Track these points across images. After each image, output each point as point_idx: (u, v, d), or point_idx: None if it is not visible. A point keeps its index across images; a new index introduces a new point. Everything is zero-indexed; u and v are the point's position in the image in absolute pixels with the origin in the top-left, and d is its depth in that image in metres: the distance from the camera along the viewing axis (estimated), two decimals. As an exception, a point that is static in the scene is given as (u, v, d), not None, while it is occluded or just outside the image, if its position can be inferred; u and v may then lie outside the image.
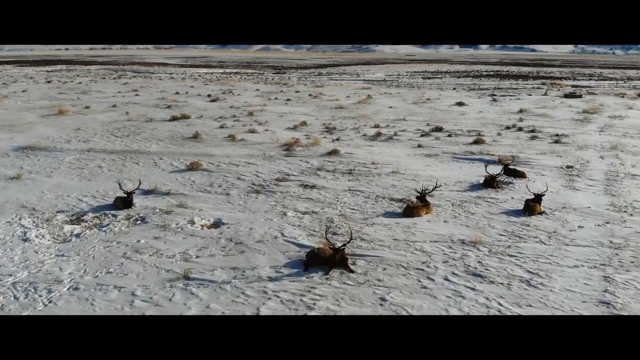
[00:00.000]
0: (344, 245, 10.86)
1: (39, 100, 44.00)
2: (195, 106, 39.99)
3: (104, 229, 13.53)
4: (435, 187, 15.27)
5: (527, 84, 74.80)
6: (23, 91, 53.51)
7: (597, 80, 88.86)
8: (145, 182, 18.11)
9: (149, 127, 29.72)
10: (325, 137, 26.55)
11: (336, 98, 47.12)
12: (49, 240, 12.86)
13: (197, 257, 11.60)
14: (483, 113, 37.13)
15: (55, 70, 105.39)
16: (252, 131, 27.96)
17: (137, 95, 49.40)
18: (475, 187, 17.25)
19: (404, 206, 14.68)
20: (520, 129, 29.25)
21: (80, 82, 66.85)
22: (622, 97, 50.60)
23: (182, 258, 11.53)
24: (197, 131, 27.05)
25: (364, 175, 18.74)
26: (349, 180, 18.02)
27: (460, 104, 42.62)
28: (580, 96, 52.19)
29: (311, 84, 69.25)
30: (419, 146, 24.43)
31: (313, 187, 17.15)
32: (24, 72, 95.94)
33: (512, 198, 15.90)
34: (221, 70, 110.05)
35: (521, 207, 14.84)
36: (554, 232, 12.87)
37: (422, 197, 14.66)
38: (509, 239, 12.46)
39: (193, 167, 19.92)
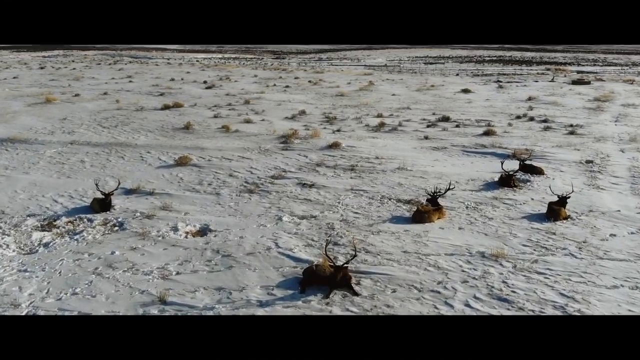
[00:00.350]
0: (347, 262, 9.36)
1: (28, 88, 42.32)
2: (189, 93, 38.32)
3: (76, 237, 12.03)
4: (448, 188, 13.70)
5: (531, 70, 72.94)
6: (14, 78, 51.77)
7: (601, 65, 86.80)
8: (128, 179, 16.62)
9: (138, 116, 28.11)
10: (325, 128, 24.96)
11: (337, 85, 45.42)
12: (13, 251, 11.39)
13: (177, 273, 10.10)
14: (490, 101, 35.46)
15: (52, 55, 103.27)
16: (248, 121, 26.35)
17: (130, 82, 47.70)
18: (490, 186, 15.70)
19: (413, 209, 13.16)
20: (531, 119, 27.62)
21: (74, 68, 65.06)
22: (632, 83, 48.83)
23: (160, 275, 10.03)
24: (189, 121, 25.44)
25: (368, 171, 17.18)
26: (351, 178, 16.47)
27: (466, 91, 40.92)
28: (588, 83, 50.54)
29: (311, 69, 67.42)
30: (426, 138, 22.83)
31: (312, 185, 15.62)
32: (20, 57, 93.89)
33: (532, 199, 14.36)
34: (220, 56, 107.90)
35: (543, 210, 13.33)
36: (584, 243, 11.35)
37: (433, 199, 13.10)
38: (535, 250, 10.94)
39: (182, 162, 18.37)
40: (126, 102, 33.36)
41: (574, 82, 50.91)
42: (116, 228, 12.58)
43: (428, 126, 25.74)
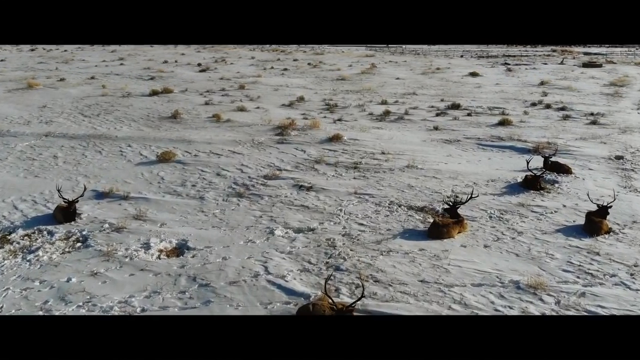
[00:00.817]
0: (352, 305, 7.43)
1: (13, 72, 40.19)
2: (181, 77, 36.18)
3: (30, 256, 10.10)
4: (471, 196, 11.68)
5: (537, 51, 70.63)
6: (1, 61, 49.57)
7: (607, 47, 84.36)
8: (103, 178, 14.71)
9: (124, 103, 26.05)
10: (325, 117, 22.91)
11: (337, 67, 43.22)
12: (-50, 277, 9.44)
13: (142, 310, 8.18)
14: (501, 86, 33.36)
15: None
16: (242, 109, 24.29)
17: (122, 64, 45.51)
18: (513, 188, 13.74)
19: (427, 220, 11.24)
20: (548, 106, 25.55)
21: (65, 50, 62.75)
22: (645, 66, 46.69)
23: (121, 311, 8.12)
24: (177, 109, 23.40)
25: (373, 170, 15.20)
26: (354, 179, 14.50)
27: (473, 74, 38.80)
28: (600, 65, 48.47)
29: (310, 50, 65.04)
30: (436, 129, 20.80)
31: (310, 188, 13.66)
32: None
33: (564, 206, 12.40)
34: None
35: (578, 220, 11.42)
36: (635, 267, 9.41)
37: (452, 209, 11.14)
38: (578, 278, 9.01)
39: (165, 158, 16.39)
40: (113, 87, 31.27)
41: (585, 65, 48.83)
42: (79, 244, 10.66)
43: (437, 115, 23.69)
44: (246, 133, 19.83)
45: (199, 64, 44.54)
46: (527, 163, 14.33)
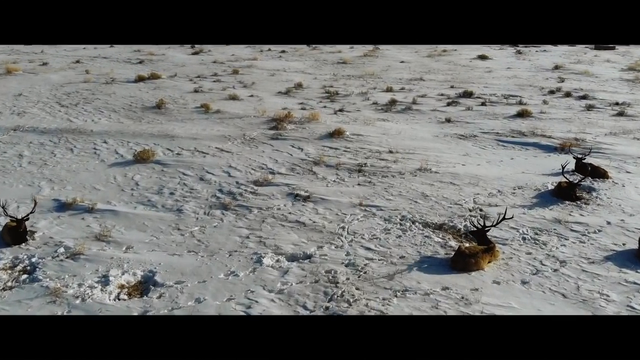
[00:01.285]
0: None
1: (-6, 54, 37.91)
2: (172, 61, 33.95)
3: (-41, 295, 8.13)
4: (504, 217, 9.58)
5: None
6: (-15, 41, 47.11)
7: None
8: (70, 183, 12.76)
9: (106, 91, 23.92)
10: (325, 107, 20.81)
11: (338, 50, 40.91)
12: None
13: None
14: (513, 70, 31.17)
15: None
16: (234, 97, 22.17)
17: (111, 46, 43.14)
18: (544, 198, 11.75)
19: (449, 245, 9.27)
20: (568, 94, 23.42)
21: (54, 31, 60.19)
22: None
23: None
24: (162, 98, 21.27)
25: (380, 174, 13.19)
26: (358, 185, 12.50)
27: (482, 57, 36.55)
28: (613, 48, 46.19)
29: (310, 32, 62.55)
30: (448, 121, 18.72)
31: (307, 198, 11.67)
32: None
33: (608, 223, 10.42)
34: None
35: (628, 242, 9.53)
36: None
37: (480, 233, 9.14)
38: (648, 331, 7.02)
39: (142, 158, 14.37)
40: (97, 72, 29.08)
41: (597, 47, 46.58)
42: (24, 276, 8.71)
43: (448, 104, 21.57)
44: (237, 126, 17.77)
45: (192, 46, 42.24)
46: (563, 169, 12.27)
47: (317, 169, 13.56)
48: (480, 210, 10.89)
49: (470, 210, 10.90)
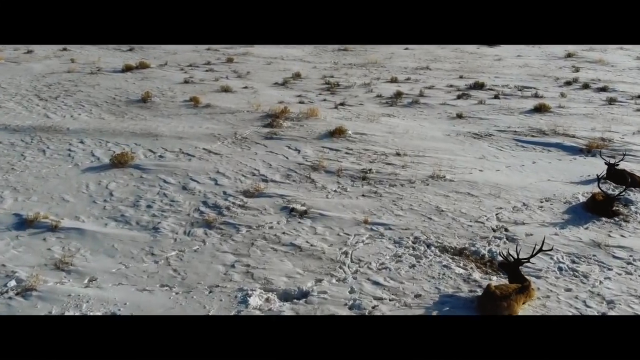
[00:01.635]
0: None
1: (-22, 40, 36.05)
2: (164, 48, 32.14)
3: None
4: (541, 249, 7.93)
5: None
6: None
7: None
8: (36, 193, 11.30)
9: (90, 82, 22.26)
10: (325, 100, 19.19)
11: (339, 36, 39.03)
12: None
13: None
14: (523, 58, 29.45)
15: None
16: (226, 90, 20.52)
17: (101, 32, 41.28)
18: (576, 213, 10.21)
19: (472, 278, 7.74)
20: (586, 86, 21.76)
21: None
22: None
23: None
24: (149, 90, 19.64)
25: (387, 182, 11.63)
26: (363, 196, 10.94)
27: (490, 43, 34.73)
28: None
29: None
30: (459, 117, 17.11)
31: (304, 213, 10.11)
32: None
33: (657, 246, 8.85)
34: None
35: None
36: None
37: (513, 268, 7.57)
38: None
39: (120, 162, 12.82)
40: (83, 61, 27.37)
41: (609, 32, 44.82)
42: (-40, 319, 7.12)
43: (458, 97, 19.92)
44: (228, 123, 16.18)
45: (187, 32, 40.41)
46: (599, 180, 10.67)
47: (316, 176, 11.99)
48: (506, 230, 9.35)
49: (494, 230, 9.35)
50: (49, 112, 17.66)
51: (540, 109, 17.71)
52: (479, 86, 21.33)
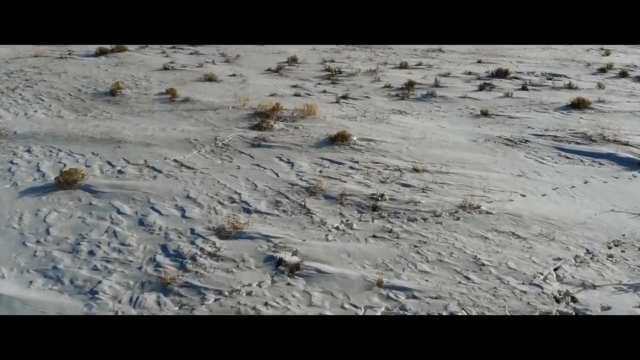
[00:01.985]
0: None
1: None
2: (147, 27, 29.19)
3: None
4: None
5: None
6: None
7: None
8: (-50, 229, 8.58)
9: (57, 69, 19.50)
10: (325, 92, 16.48)
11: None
12: None
13: None
14: (545, 38, 26.49)
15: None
16: (210, 78, 17.78)
17: (84, 7, 38.24)
18: (661, 265, 7.57)
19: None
20: (623, 74, 18.99)
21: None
22: None
23: None
24: (120, 81, 16.89)
25: (405, 215, 8.98)
26: (374, 237, 8.32)
27: (506, 22, 31.78)
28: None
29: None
30: (485, 114, 14.42)
31: (295, 268, 7.47)
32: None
33: None
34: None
35: None
36: None
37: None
38: None
39: (68, 182, 10.19)
40: (55, 45, 24.48)
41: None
42: None
43: (480, 87, 17.17)
44: (208, 124, 13.49)
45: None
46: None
47: (313, 204, 9.35)
48: (573, 300, 6.73)
49: (557, 301, 6.74)
50: (0, 109, 14.95)
51: (578, 105, 15.01)
52: (502, 74, 18.58)
